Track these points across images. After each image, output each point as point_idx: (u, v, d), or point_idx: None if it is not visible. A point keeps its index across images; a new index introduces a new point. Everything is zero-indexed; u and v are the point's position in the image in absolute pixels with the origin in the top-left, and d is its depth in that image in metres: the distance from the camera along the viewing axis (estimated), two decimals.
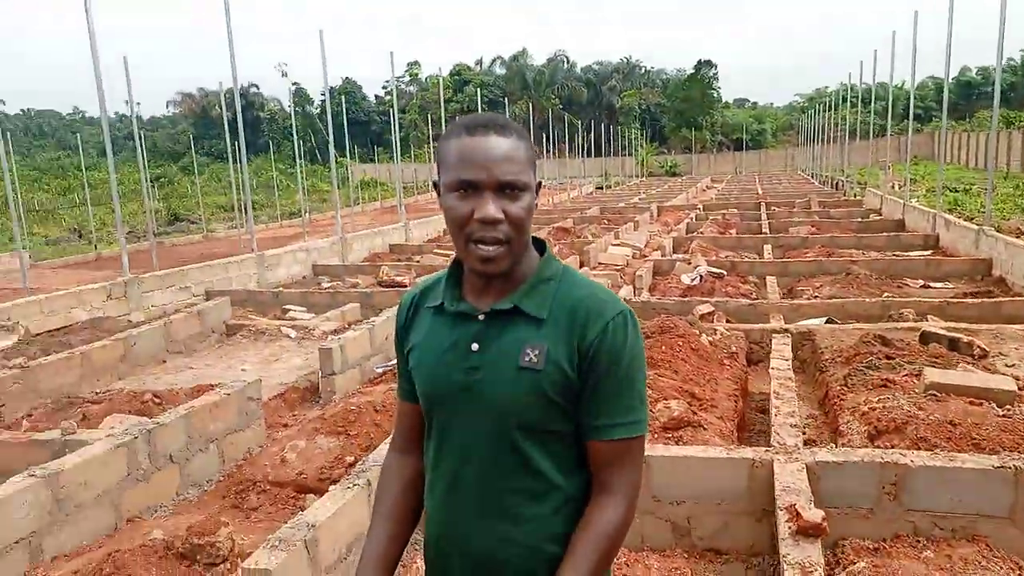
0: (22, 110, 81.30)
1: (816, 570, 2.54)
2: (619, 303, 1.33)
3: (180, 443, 4.34)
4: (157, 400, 5.19)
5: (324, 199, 33.59)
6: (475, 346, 1.32)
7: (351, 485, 3.34)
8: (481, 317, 1.33)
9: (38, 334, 7.76)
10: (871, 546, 3.10)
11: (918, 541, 3.10)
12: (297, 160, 18.27)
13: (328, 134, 15.24)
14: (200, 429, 4.49)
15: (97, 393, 5.66)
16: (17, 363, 5.99)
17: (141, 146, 13.07)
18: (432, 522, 1.40)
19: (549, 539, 1.33)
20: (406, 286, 10.25)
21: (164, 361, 7.22)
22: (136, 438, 4.01)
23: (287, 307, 9.70)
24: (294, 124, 19.26)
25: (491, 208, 1.24)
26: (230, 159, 16.30)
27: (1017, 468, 3.05)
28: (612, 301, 1.33)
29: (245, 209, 13.92)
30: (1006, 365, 5.28)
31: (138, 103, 12.27)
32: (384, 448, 3.75)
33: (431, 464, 1.41)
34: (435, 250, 14.62)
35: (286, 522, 3.11)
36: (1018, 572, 2.87)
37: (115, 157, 9.87)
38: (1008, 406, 4.10)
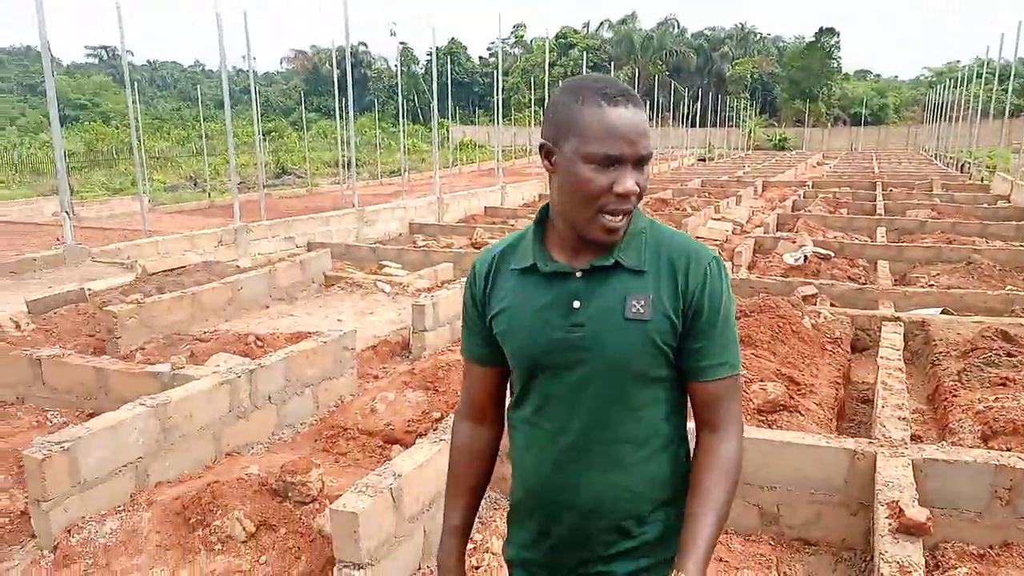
0: (148, 61, 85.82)
1: (916, 570, 2.39)
2: (710, 250, 1.38)
3: (278, 385, 4.52)
4: (259, 343, 5.43)
5: (423, 159, 34.10)
6: (576, 303, 1.32)
7: (437, 440, 3.38)
8: (579, 274, 1.33)
9: (153, 274, 8.24)
10: (976, 552, 2.90)
11: None
12: (400, 119, 18.54)
13: (432, 95, 15.36)
14: (297, 373, 4.66)
15: (205, 332, 5.97)
16: (134, 299, 6.38)
17: (256, 101, 13.57)
18: (530, 477, 1.42)
19: (654, 483, 1.37)
20: None
21: (267, 307, 7.54)
22: (239, 377, 4.20)
23: (383, 262, 9.93)
24: (399, 84, 19.54)
25: (631, 182, 1.26)
26: (337, 116, 16.72)
27: None
28: (704, 248, 1.38)
29: (349, 166, 14.29)
30: None
31: (254, 58, 12.69)
32: None
33: (526, 422, 1.41)
34: (530, 214, 14.61)
35: (373, 469, 3.19)
36: None
37: (231, 110, 10.28)
38: None
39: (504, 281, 1.41)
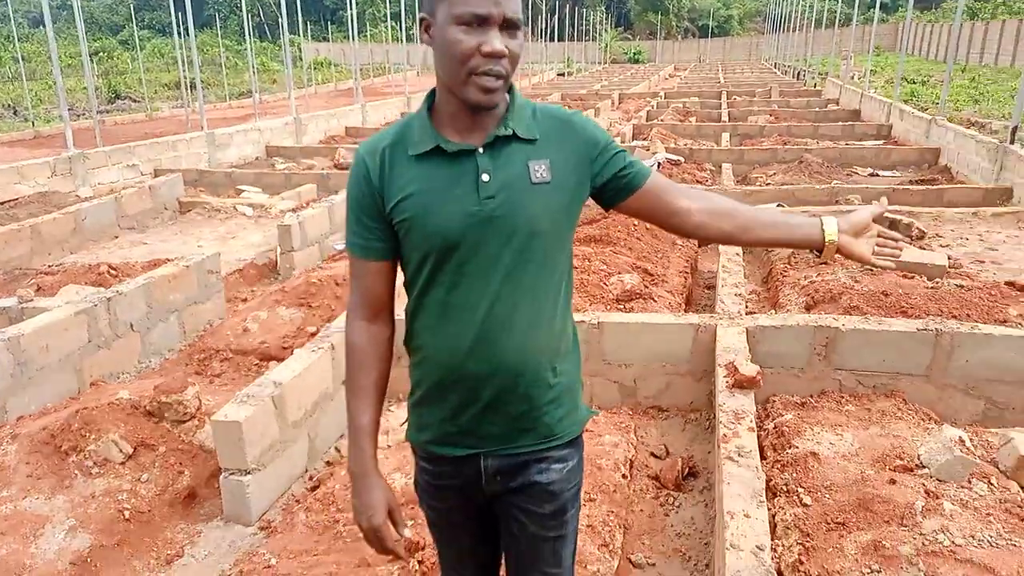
0: None
1: (747, 416, 2.78)
2: (572, 110, 1.51)
3: (140, 312, 4.38)
4: (113, 272, 5.18)
5: (275, 80, 32.19)
6: (485, 176, 1.38)
7: (316, 348, 3.45)
8: (482, 150, 1.39)
9: None
10: (799, 401, 3.37)
11: (842, 397, 3.37)
12: (247, 35, 17.31)
13: (279, 8, 14.46)
14: (160, 299, 4.52)
15: (50, 266, 5.60)
16: None
17: (79, 14, 12.24)
18: (448, 355, 1.43)
19: (563, 336, 1.50)
20: None
21: (116, 237, 7.12)
22: (96, 305, 4.03)
23: (240, 187, 9.53)
24: None
25: (498, 42, 1.29)
26: (175, 33, 15.43)
27: (938, 331, 3.30)
28: (568, 110, 1.50)
29: (193, 86, 13.33)
30: (940, 245, 5.56)
31: None
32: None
33: (439, 304, 1.43)
34: None
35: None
36: (928, 420, 3.16)
37: (52, 26, 9.27)
38: (937, 279, 4.36)
39: (403, 169, 1.41)
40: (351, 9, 17.68)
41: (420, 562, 2.42)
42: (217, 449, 2.93)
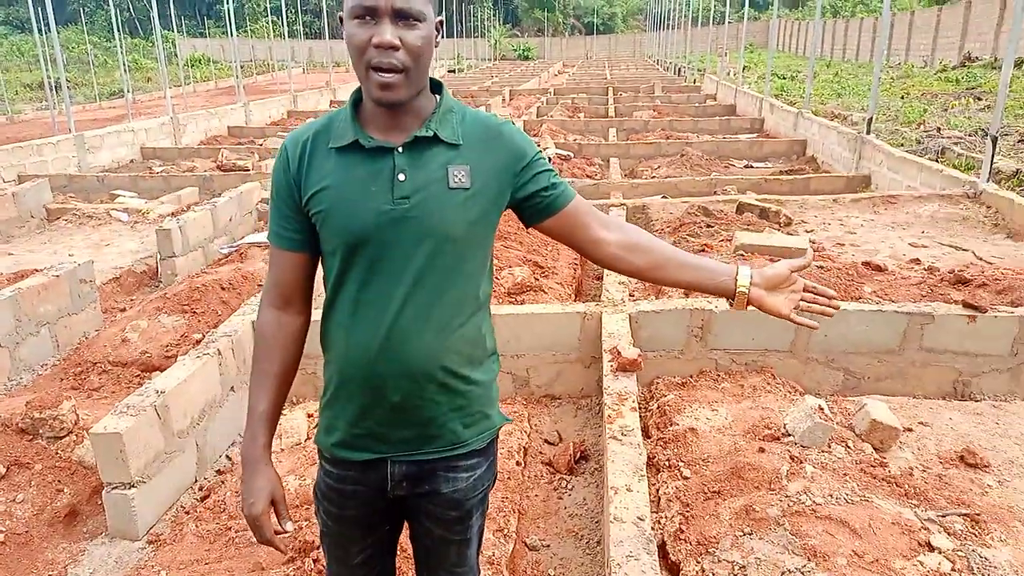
0: None
1: (630, 397, 2.93)
2: (502, 118, 1.50)
3: (8, 326, 4.12)
4: None
5: (149, 78, 30.61)
6: (401, 176, 1.37)
7: (201, 355, 3.36)
8: (400, 149, 1.38)
9: None
10: (680, 381, 3.57)
11: (719, 375, 3.60)
12: (115, 30, 16.37)
13: (149, 2, 13.75)
14: (29, 312, 4.27)
15: None
16: None
17: None
18: (358, 352, 1.43)
19: (475, 342, 1.48)
20: (249, 170, 9.81)
21: None
22: None
23: (115, 192, 9.05)
24: None
25: (388, 34, 1.29)
26: (35, 29, 14.40)
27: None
28: (500, 118, 1.50)
29: (58, 86, 12.50)
30: (805, 230, 5.98)
31: None
32: (237, 319, 3.78)
33: (351, 300, 1.43)
34: (279, 133, 13.95)
35: None
36: (794, 392, 3.43)
37: None
38: None
39: (322, 161, 1.41)
40: (228, 3, 17.02)
41: (315, 561, 2.42)
42: (98, 463, 2.82)
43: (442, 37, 1.45)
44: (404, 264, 1.39)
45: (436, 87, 1.48)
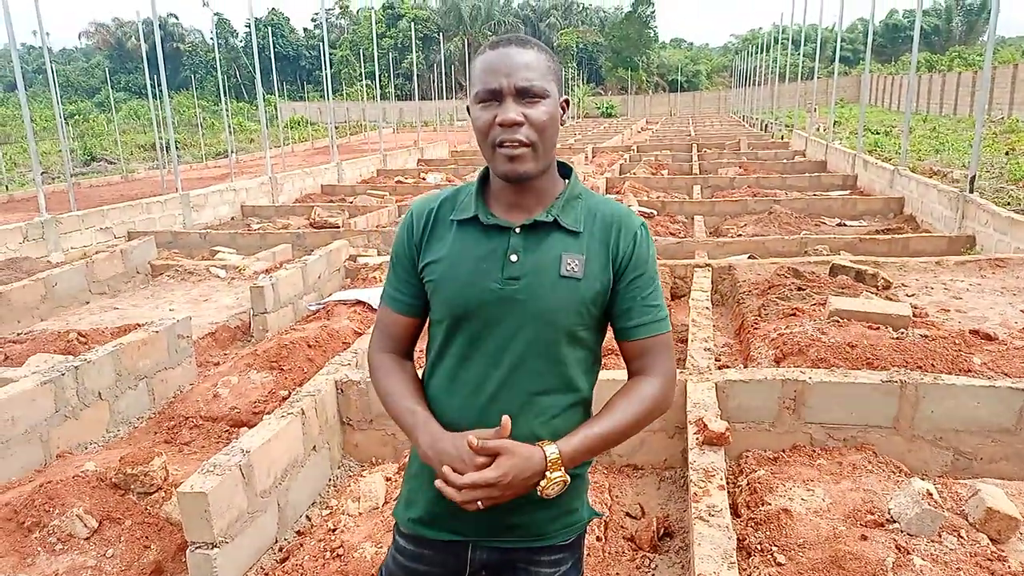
0: None
1: (718, 474, 2.78)
2: (637, 216, 1.46)
3: (109, 380, 4.32)
4: (83, 339, 5.12)
5: (251, 139, 32.51)
6: (514, 257, 1.37)
7: (285, 414, 3.42)
8: (518, 230, 1.38)
9: None
10: (771, 456, 3.38)
11: (813, 450, 3.39)
12: (222, 96, 17.54)
13: (254, 68, 14.67)
14: (129, 366, 4.47)
15: (19, 334, 5.53)
16: None
17: (53, 79, 12.34)
18: (448, 425, 1.40)
19: (567, 431, 1.41)
20: (339, 227, 10.16)
21: (87, 302, 7.05)
22: (63, 375, 3.97)
23: (215, 248, 9.52)
24: (218, 56, 18.45)
25: (511, 112, 1.30)
26: (149, 95, 15.57)
27: (902, 382, 3.35)
28: (632, 214, 1.46)
29: (168, 148, 13.40)
30: (906, 295, 5.67)
31: (47, 33, 11.52)
32: (322, 379, 3.84)
33: (448, 372, 1.43)
34: (369, 191, 14.45)
35: None
36: (898, 473, 3.19)
37: (25, 92, 9.33)
38: (902, 330, 4.44)
39: (443, 231, 1.43)
40: (326, 68, 17.99)
41: None
42: (183, 522, 2.87)
43: (568, 117, 1.45)
44: (505, 345, 1.38)
45: (566, 171, 1.47)
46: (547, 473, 1.31)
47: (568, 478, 1.34)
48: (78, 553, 2.91)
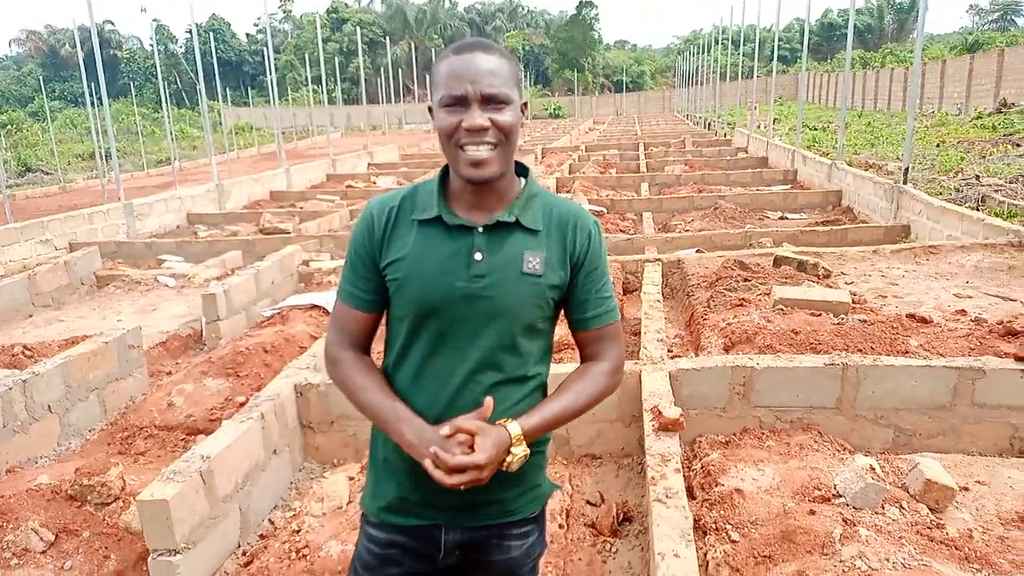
0: None
1: (673, 458, 2.88)
2: (590, 215, 1.54)
3: (58, 393, 4.22)
4: (28, 352, 4.99)
5: (195, 146, 31.82)
6: (479, 255, 1.42)
7: (245, 419, 3.41)
8: (481, 229, 1.43)
9: None
10: (723, 440, 3.50)
11: (763, 433, 3.53)
12: (164, 103, 17.14)
13: (196, 75, 14.39)
14: (79, 378, 4.38)
15: None
16: None
17: None
18: None
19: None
20: (289, 233, 10.06)
21: (31, 316, 6.85)
22: (11, 389, 3.88)
23: (162, 257, 9.33)
24: (158, 62, 18.06)
25: (477, 118, 1.35)
26: (88, 103, 15.15)
27: (844, 365, 3.51)
28: (585, 212, 1.53)
29: (108, 156, 13.06)
30: (845, 282, 5.90)
31: None
32: (280, 382, 3.83)
33: (413, 369, 1.47)
34: (318, 196, 14.32)
35: None
36: (843, 451, 3.34)
37: None
38: (843, 316, 4.63)
39: (404, 229, 1.46)
40: (271, 73, 17.74)
41: None
42: (144, 530, 2.84)
43: (527, 119, 1.51)
44: (471, 341, 1.43)
45: (522, 171, 1.52)
46: (511, 449, 1.39)
47: (528, 451, 1.42)
48: (34, 567, 2.86)
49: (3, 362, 4.84)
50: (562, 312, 1.56)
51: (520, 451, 1.39)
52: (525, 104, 1.45)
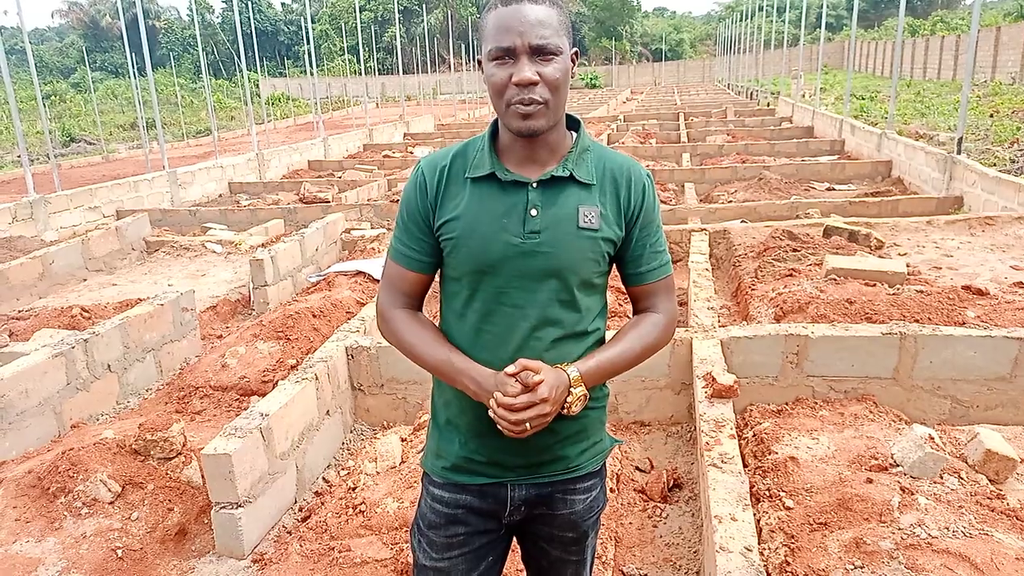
0: None
1: (728, 424, 2.87)
2: (643, 168, 1.52)
3: (117, 353, 4.35)
4: (86, 314, 5.13)
5: (232, 116, 32.10)
6: (534, 211, 1.40)
7: (300, 379, 3.48)
8: (535, 184, 1.41)
9: None
10: (775, 409, 3.48)
11: (816, 402, 3.49)
12: (204, 73, 17.28)
13: (235, 45, 14.45)
14: (136, 339, 4.50)
15: (20, 311, 5.52)
16: None
17: (32, 59, 12.10)
18: None
19: None
20: (329, 202, 10.14)
21: (85, 280, 7.03)
22: (73, 347, 4.00)
23: (207, 225, 9.49)
24: (197, 32, 18.16)
25: (527, 71, 1.32)
26: (129, 73, 15.33)
27: (902, 334, 3.45)
28: (639, 165, 1.51)
29: (153, 125, 13.24)
30: (899, 253, 5.78)
31: (18, 13, 11.29)
32: (332, 345, 3.89)
33: (472, 328, 1.46)
34: (356, 166, 14.38)
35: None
36: (899, 421, 3.29)
37: (8, 73, 9.18)
38: (898, 286, 4.54)
39: (457, 188, 1.44)
40: (308, 43, 17.74)
41: None
42: (207, 483, 2.93)
43: (578, 67, 1.48)
44: (529, 297, 1.41)
45: (574, 124, 1.50)
46: (571, 389, 1.39)
47: (588, 393, 1.42)
48: (103, 516, 2.96)
49: (62, 323, 4.99)
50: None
51: (580, 391, 1.40)
52: (576, 52, 1.43)
